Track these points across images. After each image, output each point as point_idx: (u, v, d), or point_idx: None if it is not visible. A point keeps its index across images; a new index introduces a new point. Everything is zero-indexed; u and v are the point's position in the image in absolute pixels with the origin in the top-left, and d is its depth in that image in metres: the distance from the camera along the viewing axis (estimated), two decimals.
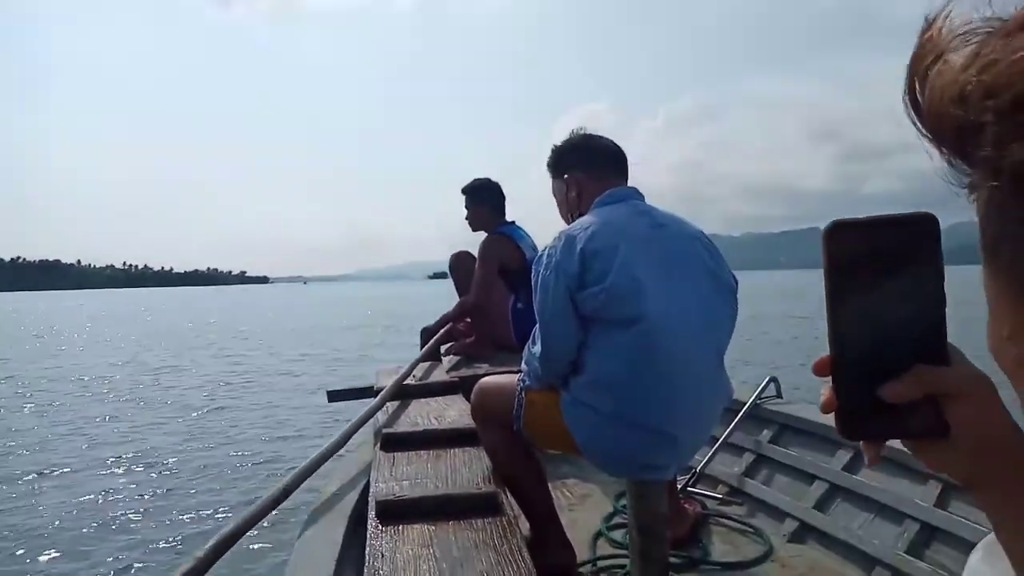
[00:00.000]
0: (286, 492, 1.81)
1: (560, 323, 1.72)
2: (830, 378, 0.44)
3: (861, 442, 0.46)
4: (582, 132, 1.99)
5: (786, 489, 2.39)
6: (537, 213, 3.92)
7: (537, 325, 1.82)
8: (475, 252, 3.77)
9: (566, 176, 1.96)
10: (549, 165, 2.04)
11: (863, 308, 0.41)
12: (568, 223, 1.95)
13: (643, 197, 1.89)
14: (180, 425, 7.25)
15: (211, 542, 1.50)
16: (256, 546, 3.38)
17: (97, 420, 7.51)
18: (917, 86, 0.38)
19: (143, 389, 9.82)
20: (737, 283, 1.86)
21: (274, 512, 1.77)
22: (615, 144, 1.98)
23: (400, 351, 13.93)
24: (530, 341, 1.87)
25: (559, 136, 2.06)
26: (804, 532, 2.19)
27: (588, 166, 1.93)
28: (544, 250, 1.79)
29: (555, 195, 2.04)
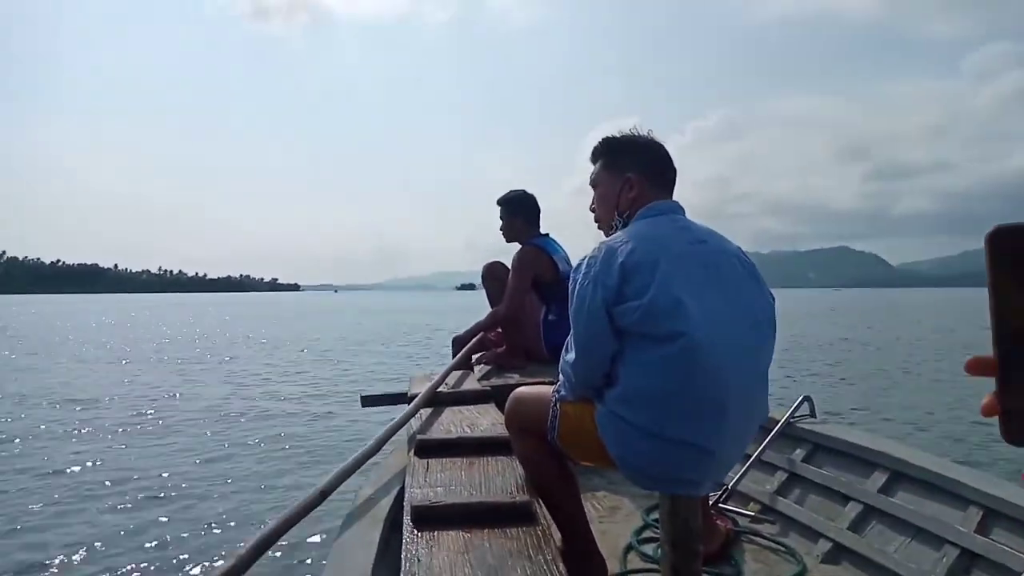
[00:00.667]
0: (323, 495, 1.84)
1: (595, 334, 1.72)
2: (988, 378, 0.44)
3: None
4: (649, 133, 1.93)
5: (819, 509, 2.37)
6: (566, 226, 3.94)
7: (571, 334, 1.83)
8: (506, 263, 3.81)
9: (627, 175, 1.89)
10: (601, 154, 1.96)
11: None
12: (605, 218, 1.95)
13: (684, 211, 1.89)
14: (217, 428, 7.36)
15: (250, 543, 1.53)
16: (294, 548, 3.42)
17: (136, 422, 7.64)
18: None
19: (178, 393, 9.95)
20: (774, 300, 1.86)
21: (311, 514, 1.80)
22: (671, 157, 1.93)
23: (431, 359, 14.03)
24: (564, 350, 1.88)
25: (588, 151, 1.99)
26: (838, 553, 2.17)
27: (651, 172, 1.88)
28: (583, 260, 1.79)
29: (598, 185, 1.97)
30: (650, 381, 1.66)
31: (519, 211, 3.70)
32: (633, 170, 1.89)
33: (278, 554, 3.19)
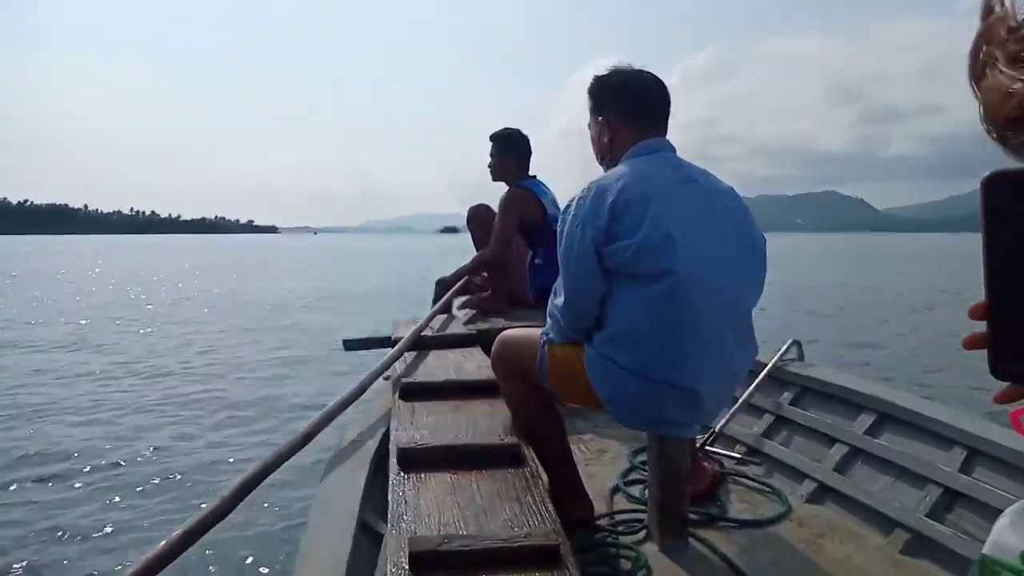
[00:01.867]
0: (307, 437, 1.82)
1: (585, 276, 1.69)
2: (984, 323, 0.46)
3: (1006, 383, 0.48)
4: (632, 68, 1.85)
5: (805, 451, 2.39)
6: (548, 169, 3.86)
7: (560, 277, 1.78)
8: (492, 205, 3.74)
9: (600, 117, 1.85)
10: (589, 94, 1.89)
11: (1018, 253, 0.44)
12: (599, 162, 1.90)
13: (675, 150, 1.83)
14: (198, 371, 7.33)
15: (233, 485, 1.51)
16: (279, 490, 3.43)
17: (111, 365, 7.58)
18: (973, 85, 0.43)
19: (157, 335, 9.88)
20: (765, 241, 1.82)
21: (295, 457, 1.77)
22: (663, 89, 1.85)
23: (415, 303, 14.04)
24: (553, 293, 1.84)
25: (570, 92, 1.92)
26: (822, 493, 2.19)
27: (628, 112, 1.81)
28: (572, 201, 1.73)
29: (589, 129, 1.92)
30: (638, 321, 1.64)
31: (512, 150, 3.60)
32: (608, 112, 1.84)
33: (263, 497, 3.19)
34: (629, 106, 1.83)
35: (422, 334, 2.81)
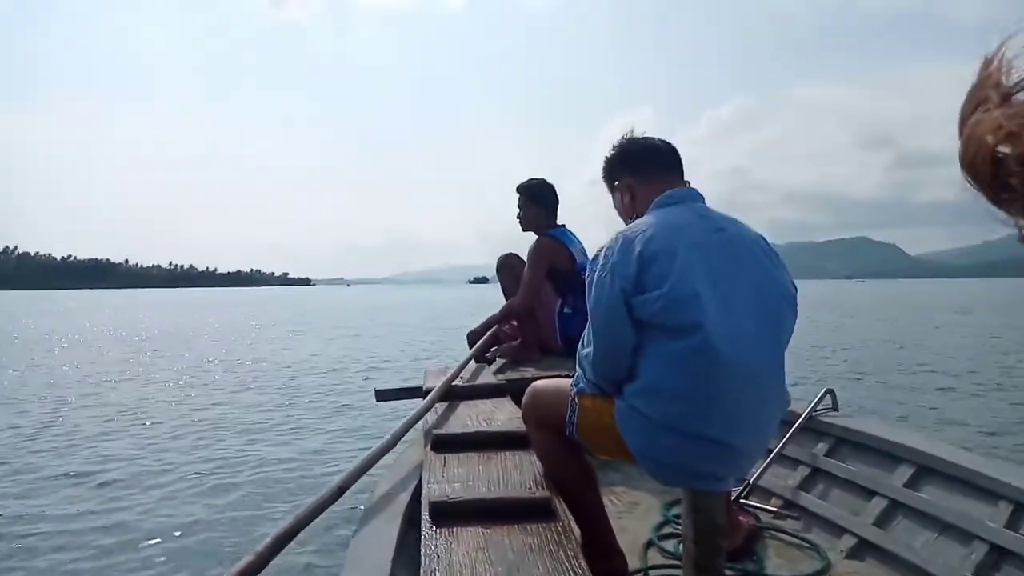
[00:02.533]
0: (340, 490, 1.83)
1: (614, 326, 1.69)
2: None
3: None
4: (628, 136, 1.95)
5: (843, 504, 2.33)
6: (577, 219, 3.90)
7: (588, 327, 1.80)
8: (521, 254, 3.78)
9: (616, 183, 1.94)
10: (603, 177, 2.00)
11: None
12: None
13: (703, 199, 1.86)
14: (232, 421, 7.38)
15: (269, 538, 1.52)
16: (313, 544, 3.43)
17: (149, 413, 7.68)
18: (961, 124, 0.45)
19: (186, 386, 10.00)
20: (796, 289, 1.82)
21: (329, 509, 1.78)
22: (664, 142, 1.93)
23: (445, 353, 14.09)
24: (581, 344, 1.85)
25: (603, 142, 2.01)
26: (863, 549, 2.13)
27: (636, 169, 1.90)
28: (600, 251, 1.76)
29: (615, 207, 2.00)
30: (669, 374, 1.63)
31: (539, 200, 3.66)
32: (623, 175, 1.92)
33: (297, 550, 3.19)
34: (637, 161, 1.90)
35: (453, 384, 2.83)
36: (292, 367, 12.58)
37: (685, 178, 1.92)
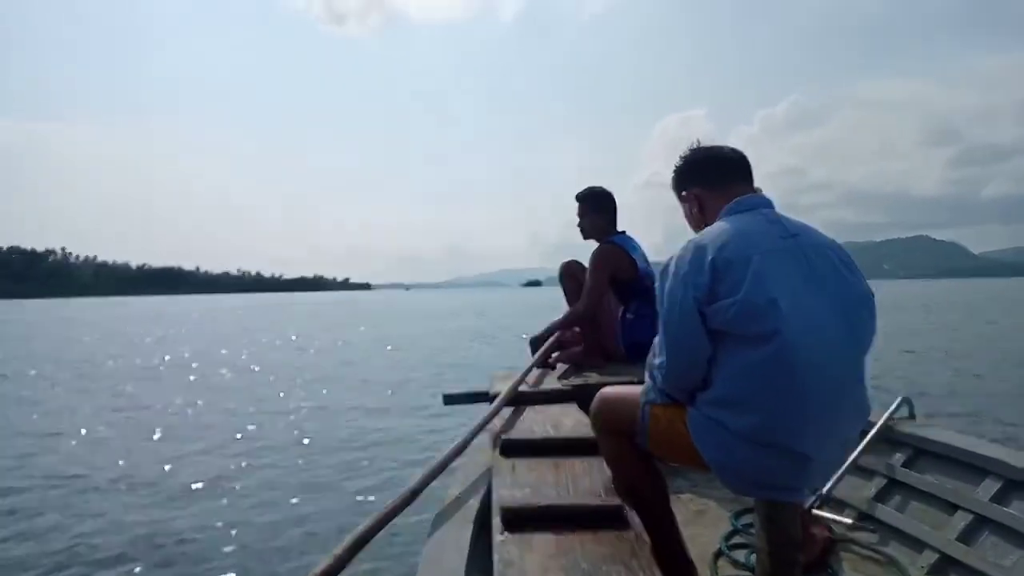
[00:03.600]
0: (413, 494, 1.86)
1: (688, 336, 1.67)
2: None
3: None
4: (695, 146, 1.94)
5: (923, 517, 2.24)
6: (630, 222, 3.87)
7: (659, 336, 1.78)
8: (578, 259, 3.79)
9: (684, 193, 1.93)
10: (673, 187, 1.99)
11: None
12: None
13: (773, 206, 1.82)
14: (302, 427, 7.58)
15: (346, 541, 1.55)
16: (387, 547, 3.51)
17: (223, 422, 7.94)
18: None
19: (256, 393, 10.25)
20: (872, 295, 1.77)
21: (402, 513, 1.82)
22: (732, 150, 1.91)
23: (508, 357, 14.16)
24: (652, 353, 1.84)
25: (655, 145, 1.99)
26: (946, 565, 2.04)
27: (703, 178, 1.89)
28: (670, 260, 1.74)
29: (685, 218, 1.98)
30: (745, 384, 1.60)
31: (601, 208, 3.66)
32: (690, 185, 1.90)
33: (372, 553, 3.27)
34: (704, 170, 1.89)
35: (519, 389, 2.84)
36: (360, 372, 12.83)
37: (755, 185, 1.89)
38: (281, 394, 10.03)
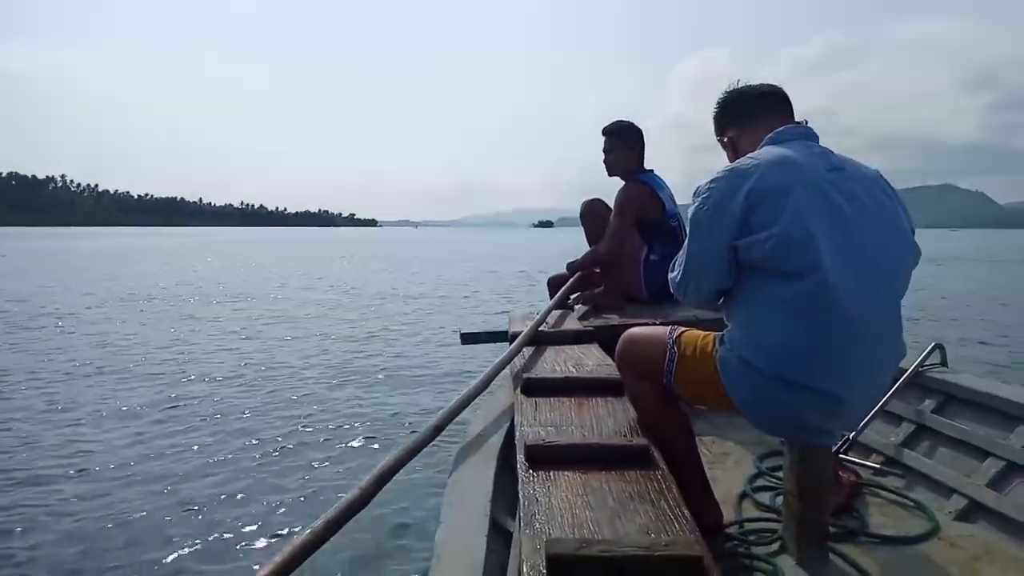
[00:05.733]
0: (436, 430, 1.84)
1: (710, 262, 1.63)
2: None
3: None
4: (731, 87, 1.85)
5: (952, 463, 2.21)
6: (650, 165, 3.77)
7: (681, 253, 1.74)
8: (600, 199, 3.69)
9: (720, 138, 1.87)
10: (715, 124, 1.91)
11: None
12: None
13: (817, 138, 1.73)
14: (322, 363, 7.63)
15: (372, 474, 1.53)
16: (410, 481, 3.55)
17: (237, 358, 7.97)
18: None
19: (272, 329, 10.30)
20: (914, 230, 1.69)
21: (426, 448, 1.80)
22: (767, 85, 1.82)
23: (524, 296, 14.19)
24: (671, 267, 1.81)
25: (676, 84, 1.90)
26: (975, 511, 2.02)
27: (737, 118, 1.82)
28: (704, 185, 1.65)
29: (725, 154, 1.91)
30: (779, 322, 1.54)
31: (630, 143, 3.53)
32: (724, 130, 1.85)
33: (396, 485, 3.32)
34: (737, 111, 1.82)
35: (539, 329, 2.80)
36: (375, 309, 12.89)
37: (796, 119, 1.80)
38: (294, 330, 10.09)
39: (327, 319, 11.40)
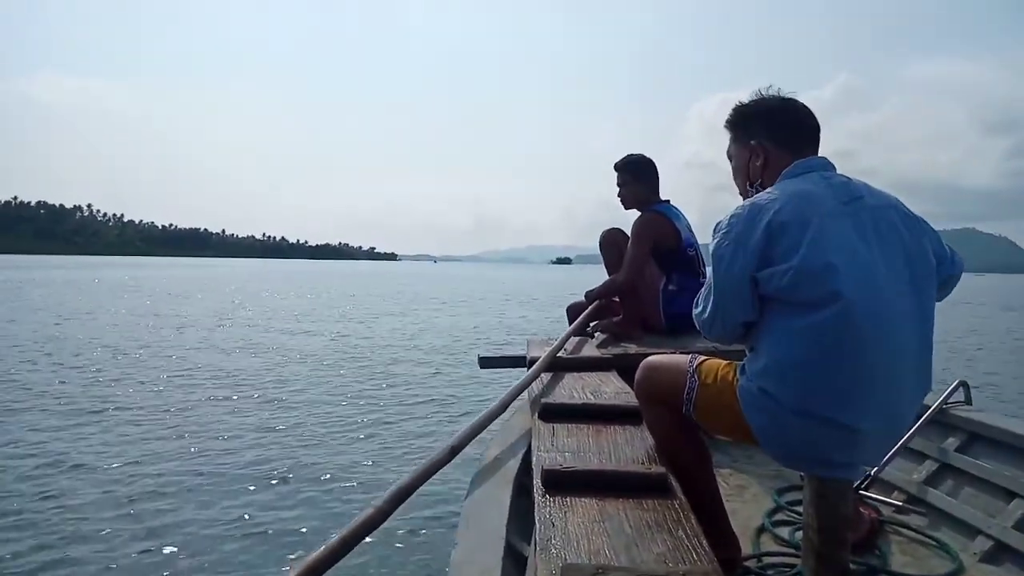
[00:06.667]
0: (453, 452, 1.83)
1: (734, 296, 1.61)
2: None
3: None
4: (777, 94, 1.80)
5: (977, 504, 2.16)
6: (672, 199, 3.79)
7: (704, 289, 1.73)
8: (619, 228, 3.72)
9: (752, 143, 1.78)
10: (731, 125, 1.86)
11: None
12: (742, 194, 1.82)
13: (835, 167, 1.72)
14: (345, 386, 7.73)
15: (388, 493, 1.53)
16: (426, 501, 3.55)
17: (260, 382, 8.05)
18: None
19: (300, 356, 10.38)
20: (950, 257, 1.67)
21: (443, 469, 1.79)
22: (807, 108, 1.78)
23: (542, 326, 14.20)
24: (695, 303, 1.78)
25: (693, 125, 1.88)
26: (1000, 553, 1.97)
27: (779, 134, 1.75)
28: (724, 218, 1.65)
29: (731, 159, 1.87)
30: (800, 352, 1.52)
31: (643, 176, 3.58)
32: (758, 136, 1.76)
33: (412, 505, 3.31)
34: (783, 127, 1.76)
35: (557, 355, 2.80)
36: (395, 337, 12.96)
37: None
38: (319, 357, 10.15)
39: (343, 345, 11.46)
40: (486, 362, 3.50)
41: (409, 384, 7.61)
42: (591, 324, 3.60)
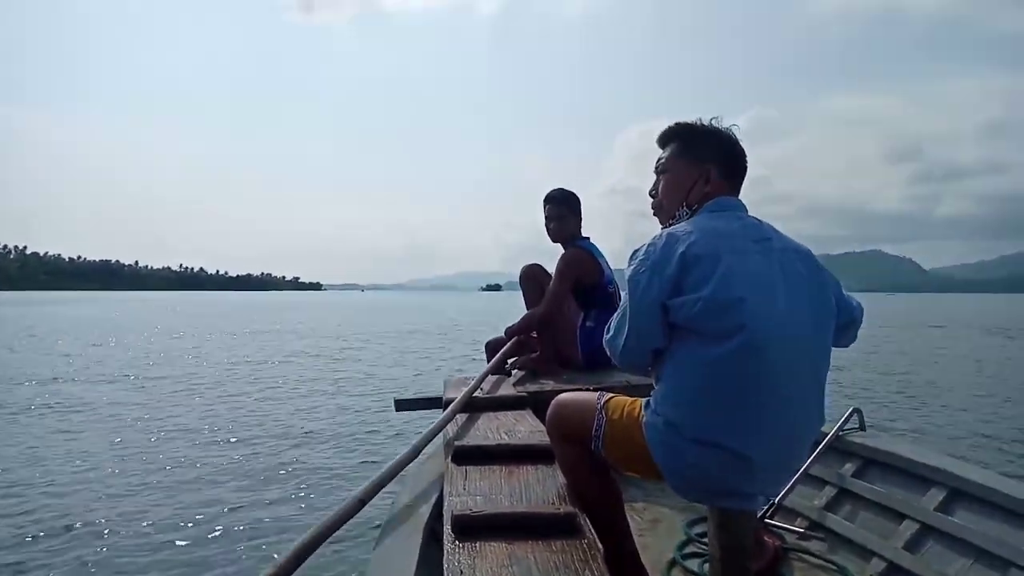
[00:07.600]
0: (361, 503, 1.80)
1: (645, 325, 1.66)
2: None
3: None
4: (734, 127, 1.85)
5: (872, 527, 2.27)
6: (594, 229, 3.89)
7: (617, 315, 1.77)
8: (539, 262, 3.77)
9: (707, 167, 1.81)
10: (677, 139, 1.88)
11: None
12: (669, 207, 1.86)
13: (747, 209, 1.81)
14: (246, 430, 7.33)
15: (290, 551, 1.49)
16: (333, 556, 3.39)
17: (160, 425, 7.63)
18: None
19: (201, 394, 9.94)
20: (849, 306, 1.76)
21: (350, 521, 1.75)
22: (745, 157, 1.87)
23: (461, 362, 14.04)
24: (607, 329, 1.81)
25: (618, 154, 1.93)
26: (893, 573, 2.07)
27: (727, 166, 1.82)
28: (641, 247, 1.71)
29: (668, 172, 1.87)
30: (700, 380, 1.58)
31: (576, 211, 3.66)
32: (714, 163, 1.81)
33: (317, 563, 3.16)
34: (732, 162, 1.83)
35: (473, 396, 2.80)
36: (308, 374, 12.58)
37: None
38: (223, 397, 9.75)
39: (257, 383, 11.08)
40: (403, 405, 3.47)
41: (312, 432, 7.22)
42: (509, 361, 3.62)
